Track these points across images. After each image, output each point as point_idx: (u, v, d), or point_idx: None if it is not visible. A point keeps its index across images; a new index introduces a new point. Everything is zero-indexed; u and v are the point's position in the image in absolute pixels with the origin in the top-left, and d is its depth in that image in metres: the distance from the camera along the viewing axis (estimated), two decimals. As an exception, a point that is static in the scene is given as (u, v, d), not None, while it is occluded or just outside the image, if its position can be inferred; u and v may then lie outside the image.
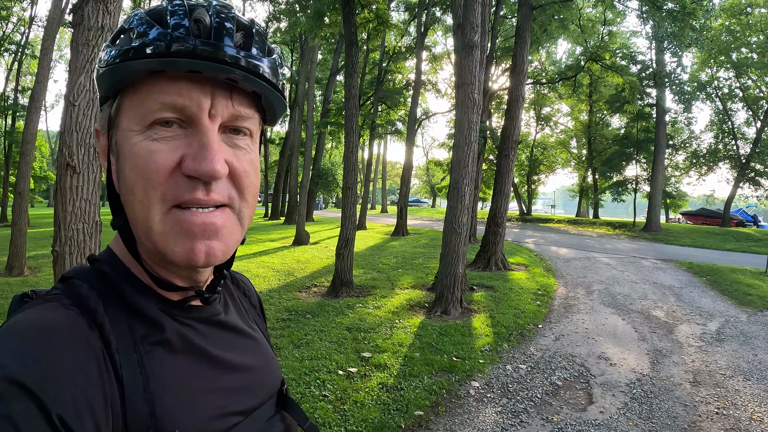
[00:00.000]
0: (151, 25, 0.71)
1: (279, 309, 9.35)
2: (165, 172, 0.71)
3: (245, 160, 0.78)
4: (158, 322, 0.78)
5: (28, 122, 14.10)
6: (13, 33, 34.95)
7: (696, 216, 39.94)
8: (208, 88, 0.73)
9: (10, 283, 11.34)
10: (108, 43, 0.75)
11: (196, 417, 0.75)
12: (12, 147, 32.79)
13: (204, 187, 0.72)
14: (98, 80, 0.75)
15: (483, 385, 6.11)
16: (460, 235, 9.42)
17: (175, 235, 0.73)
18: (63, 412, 0.59)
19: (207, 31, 0.71)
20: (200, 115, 0.72)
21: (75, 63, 4.32)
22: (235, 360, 0.87)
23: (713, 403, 5.69)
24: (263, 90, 0.77)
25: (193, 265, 0.74)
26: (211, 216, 0.74)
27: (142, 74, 0.71)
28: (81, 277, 0.78)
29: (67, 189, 4.21)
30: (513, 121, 15.29)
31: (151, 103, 0.72)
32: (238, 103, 0.76)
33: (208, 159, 0.71)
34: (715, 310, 10.14)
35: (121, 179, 0.76)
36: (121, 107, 0.75)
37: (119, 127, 0.76)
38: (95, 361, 0.66)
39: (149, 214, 0.72)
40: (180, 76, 0.71)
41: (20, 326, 0.66)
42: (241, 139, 0.79)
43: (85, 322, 0.69)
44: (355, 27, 11.49)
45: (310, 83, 27.06)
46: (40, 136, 45.46)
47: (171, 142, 0.72)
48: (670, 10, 17.81)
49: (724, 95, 34.55)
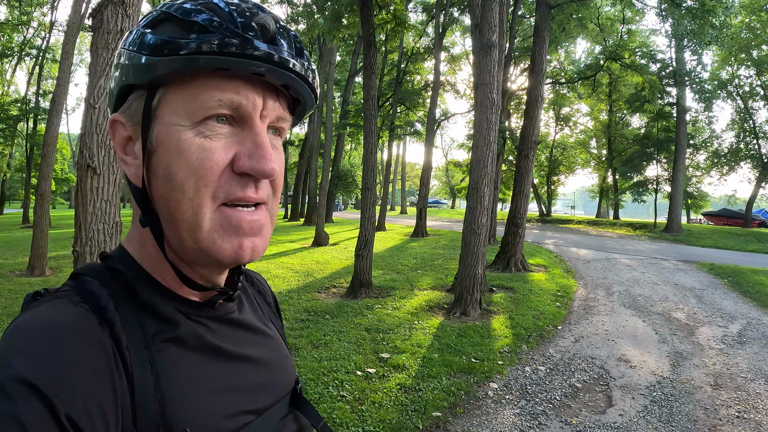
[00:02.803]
0: (212, 20, 0.70)
1: (298, 309, 9.40)
2: (219, 170, 0.72)
3: (279, 160, 0.78)
4: (170, 320, 0.77)
5: (49, 125, 14.20)
6: (33, 38, 35.50)
7: (717, 217, 39.42)
8: (259, 89, 0.74)
9: (31, 283, 11.48)
10: (144, 29, 0.74)
11: (208, 416, 0.74)
12: (34, 149, 33.32)
13: (254, 185, 0.74)
14: (134, 68, 0.72)
15: (501, 386, 6.11)
16: (480, 236, 9.40)
17: (224, 233, 0.73)
18: (72, 411, 0.59)
19: (269, 35, 0.72)
20: (254, 115, 0.74)
21: (95, 66, 4.39)
22: (248, 358, 0.86)
23: (734, 407, 5.63)
24: (306, 96, 0.80)
25: (240, 262, 0.75)
26: (255, 214, 0.75)
27: (204, 70, 0.71)
28: (92, 273, 0.78)
29: (87, 190, 4.27)
30: (532, 121, 15.20)
31: (207, 99, 0.71)
32: (282, 105, 0.79)
33: (267, 158, 0.73)
34: (736, 312, 10.03)
35: (158, 175, 0.74)
36: (164, 100, 0.74)
37: (161, 120, 0.74)
38: (105, 359, 0.66)
39: (199, 211, 0.72)
40: (238, 75, 0.72)
41: (29, 324, 0.66)
42: (276, 139, 0.80)
43: (95, 319, 0.69)
44: (373, 28, 11.51)
45: (328, 85, 27.12)
46: (61, 138, 45.96)
47: (224, 140, 0.73)
48: (690, 7, 17.63)
49: (745, 93, 34.00)
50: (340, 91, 39.70)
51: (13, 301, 9.57)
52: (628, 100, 33.80)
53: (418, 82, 32.65)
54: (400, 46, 28.78)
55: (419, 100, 30.77)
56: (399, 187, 74.84)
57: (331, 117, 26.36)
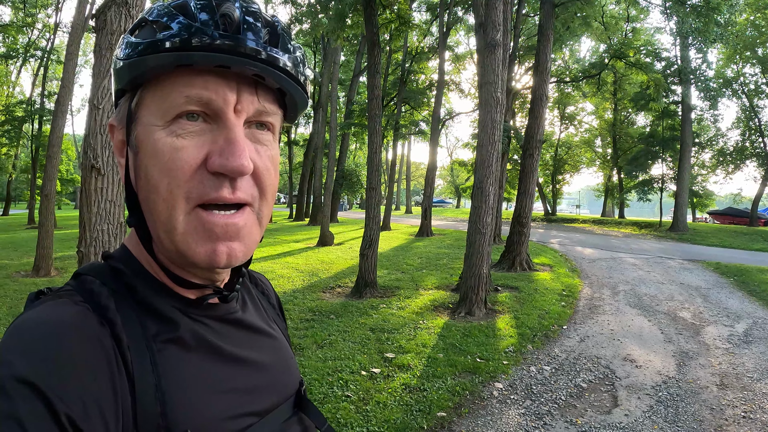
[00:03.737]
0: (176, 18, 0.70)
1: (303, 309, 9.40)
2: (190, 169, 0.70)
3: (266, 157, 0.77)
4: (172, 320, 0.77)
5: (54, 126, 14.23)
6: (38, 39, 35.67)
7: (723, 215, 39.31)
8: (233, 83, 0.72)
9: (36, 283, 11.53)
10: (126, 36, 0.75)
11: (209, 417, 0.73)
12: (39, 150, 33.42)
13: (230, 184, 0.72)
14: (117, 73, 0.74)
15: (506, 386, 6.10)
16: (485, 236, 9.39)
17: (197, 237, 0.72)
18: (72, 411, 0.59)
19: (235, 25, 0.70)
20: (226, 110, 0.72)
21: (99, 67, 4.39)
22: (251, 359, 0.86)
23: (740, 407, 5.61)
24: (288, 87, 0.77)
25: (214, 266, 0.73)
26: (232, 218, 0.73)
27: (168, 67, 0.70)
28: (93, 273, 0.77)
29: (92, 191, 4.28)
30: (537, 120, 15.14)
31: (176, 96, 0.71)
32: (263, 98, 0.76)
33: (236, 154, 0.70)
34: (742, 311, 9.99)
35: (141, 176, 0.74)
36: (142, 101, 0.74)
37: (140, 121, 0.74)
38: (105, 359, 0.66)
39: (173, 213, 0.71)
40: (206, 70, 0.71)
41: (29, 323, 0.65)
42: (264, 134, 0.78)
43: (95, 318, 0.69)
44: (377, 28, 11.52)
45: (333, 84, 27.16)
46: (66, 139, 46.31)
47: (196, 138, 0.71)
48: (694, 5, 17.61)
49: (751, 91, 33.80)
50: (345, 91, 39.72)
51: (19, 301, 9.60)
52: (633, 99, 33.72)
53: (423, 82, 32.63)
54: (405, 45, 28.73)
55: (424, 100, 30.72)
56: (404, 187, 74.85)
57: (335, 117, 26.40)
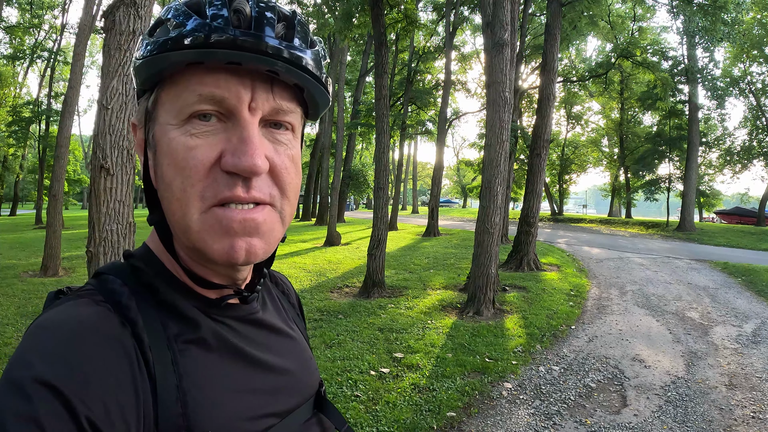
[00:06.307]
0: (189, 16, 0.69)
1: (311, 309, 9.42)
2: (204, 168, 0.69)
3: (285, 156, 0.76)
4: (193, 320, 0.76)
5: (61, 126, 14.30)
6: (45, 40, 35.79)
7: (730, 215, 39.26)
8: (248, 81, 0.71)
9: (44, 283, 11.62)
10: (145, 35, 0.74)
11: (230, 418, 0.72)
12: (46, 151, 33.61)
13: (244, 183, 0.70)
14: (136, 72, 0.74)
15: (515, 386, 6.10)
16: (493, 235, 9.40)
17: (214, 233, 0.70)
18: (92, 414, 0.58)
19: (247, 21, 0.68)
20: (240, 108, 0.70)
21: (107, 67, 4.41)
22: (272, 360, 0.85)
23: (749, 407, 5.61)
24: (305, 83, 0.74)
25: (233, 263, 0.72)
26: (251, 212, 0.71)
27: (179, 65, 0.70)
28: (114, 272, 0.77)
29: (101, 191, 4.30)
30: (544, 120, 15.14)
31: (189, 95, 0.70)
32: (279, 96, 0.74)
33: (248, 153, 0.68)
34: (751, 311, 9.97)
35: (158, 174, 0.74)
36: (159, 100, 0.74)
37: (157, 120, 0.74)
38: (126, 360, 0.65)
39: (187, 212, 0.70)
40: (219, 68, 0.69)
41: (50, 323, 0.65)
42: (282, 134, 0.76)
43: (116, 318, 0.68)
44: (383, 27, 11.52)
45: (339, 84, 27.15)
46: (73, 139, 46.49)
47: (209, 137, 0.70)
48: (701, 4, 17.59)
49: (758, 90, 33.67)
50: (351, 91, 39.83)
51: (27, 301, 9.67)
52: (640, 98, 33.71)
53: (429, 81, 32.68)
54: (411, 45, 28.80)
55: (430, 99, 30.74)
56: (410, 187, 74.76)
57: (342, 117, 26.38)
